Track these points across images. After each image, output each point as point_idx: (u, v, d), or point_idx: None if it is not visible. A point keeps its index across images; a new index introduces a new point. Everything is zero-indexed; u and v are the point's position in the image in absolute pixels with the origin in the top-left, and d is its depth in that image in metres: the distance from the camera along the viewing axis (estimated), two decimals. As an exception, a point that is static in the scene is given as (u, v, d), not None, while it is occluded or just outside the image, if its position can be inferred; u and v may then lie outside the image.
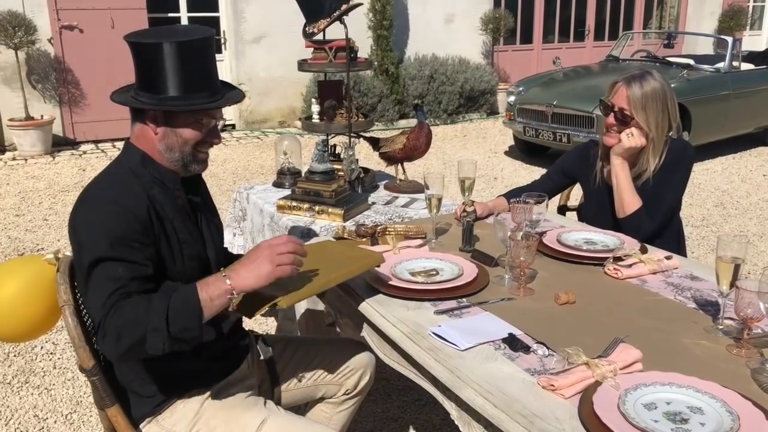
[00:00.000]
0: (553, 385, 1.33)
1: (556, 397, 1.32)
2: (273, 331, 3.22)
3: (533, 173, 6.51)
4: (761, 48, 11.00)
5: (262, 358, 1.88)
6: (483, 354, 1.49)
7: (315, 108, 3.13)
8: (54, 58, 7.44)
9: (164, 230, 1.56)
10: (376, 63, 8.90)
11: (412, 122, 3.13)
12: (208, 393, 1.66)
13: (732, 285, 1.55)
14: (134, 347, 1.40)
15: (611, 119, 2.33)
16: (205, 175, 1.84)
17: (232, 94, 1.67)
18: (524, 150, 7.36)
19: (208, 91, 1.60)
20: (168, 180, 1.61)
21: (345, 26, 2.83)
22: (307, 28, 2.89)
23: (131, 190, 1.54)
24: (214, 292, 1.46)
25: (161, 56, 1.54)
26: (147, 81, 1.58)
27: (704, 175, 6.61)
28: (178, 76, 1.55)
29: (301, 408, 1.99)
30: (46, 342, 3.29)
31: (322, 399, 1.97)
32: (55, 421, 2.68)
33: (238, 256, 1.84)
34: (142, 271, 1.47)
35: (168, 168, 1.62)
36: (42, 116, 7.29)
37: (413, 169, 4.69)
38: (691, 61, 7.50)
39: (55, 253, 1.69)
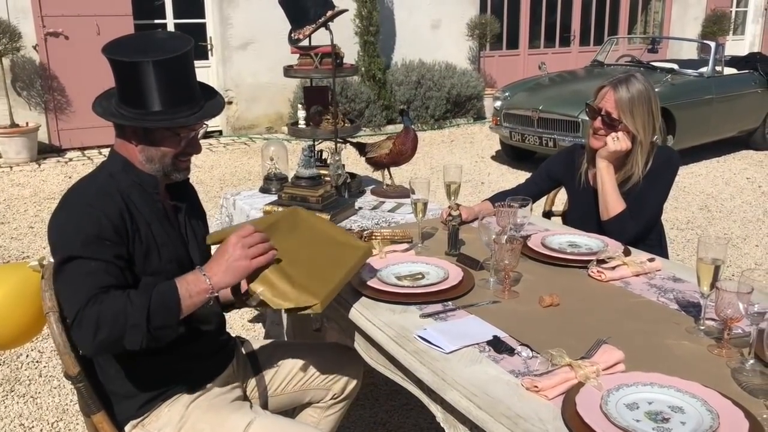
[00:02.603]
0: (536, 387, 1.34)
1: (540, 398, 1.33)
2: (261, 337, 3.22)
3: (520, 178, 6.53)
4: (744, 53, 11.12)
5: (244, 352, 1.88)
6: (468, 356, 1.50)
7: (301, 114, 3.14)
8: (39, 65, 7.40)
9: (139, 233, 1.58)
10: (363, 69, 8.92)
11: (400, 127, 3.14)
12: (193, 396, 1.67)
13: (713, 286, 1.58)
14: (111, 341, 1.42)
15: (598, 123, 2.36)
16: (193, 181, 1.85)
17: (211, 105, 1.66)
18: (511, 155, 7.40)
19: (189, 104, 1.61)
20: (147, 185, 1.63)
21: (330, 32, 2.84)
22: (292, 35, 2.90)
23: (106, 195, 1.56)
24: (194, 289, 1.49)
25: (141, 74, 1.53)
26: (127, 95, 1.58)
27: (689, 178, 6.67)
28: (159, 93, 1.55)
29: (288, 413, 1.99)
30: (32, 350, 3.27)
31: (309, 404, 1.98)
32: (41, 430, 2.66)
33: None
34: (113, 269, 1.49)
35: (149, 173, 1.63)
36: (27, 123, 7.25)
37: (401, 174, 4.71)
38: (675, 66, 7.57)
39: (39, 260, 1.68)
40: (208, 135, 8.42)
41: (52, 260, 1.69)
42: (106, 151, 7.69)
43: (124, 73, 1.56)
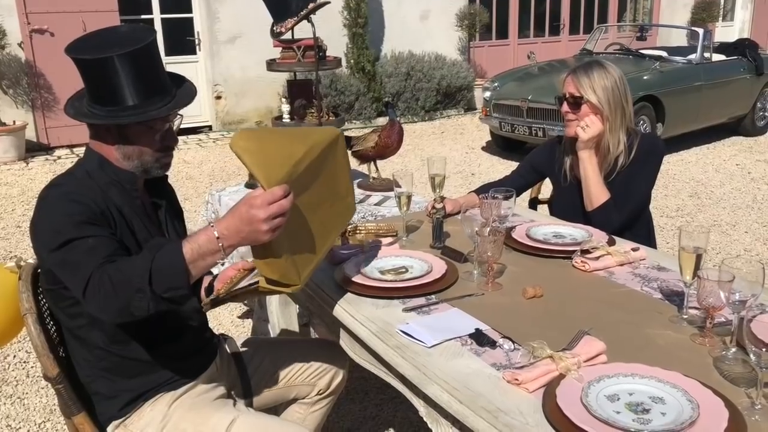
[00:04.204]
0: (517, 380, 1.33)
1: (521, 391, 1.32)
2: (248, 333, 3.21)
3: (510, 168, 6.48)
4: (733, 39, 11.12)
5: (229, 351, 1.87)
6: (450, 350, 1.49)
7: (285, 108, 3.12)
8: (25, 62, 7.34)
9: (121, 229, 1.55)
10: (352, 61, 8.89)
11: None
12: (176, 395, 1.65)
13: (695, 275, 1.57)
14: (123, 308, 1.36)
15: (565, 107, 2.37)
16: (182, 177, 1.84)
17: (182, 93, 1.63)
18: (501, 145, 7.39)
19: (160, 95, 1.57)
20: (125, 181, 1.60)
21: (312, 25, 2.82)
22: (275, 28, 2.88)
23: (88, 188, 1.53)
24: (206, 250, 1.37)
25: (108, 70, 1.50)
26: (97, 94, 1.55)
27: (679, 165, 6.68)
28: (129, 87, 1.52)
29: (273, 410, 1.98)
30: (19, 350, 3.25)
31: (294, 400, 1.97)
32: (29, 431, 2.65)
33: None
34: (112, 242, 1.46)
35: (126, 170, 1.60)
36: (14, 122, 7.19)
37: (390, 167, 4.68)
38: (664, 53, 7.57)
39: (16, 261, 1.67)
40: (197, 130, 8.39)
41: (30, 261, 1.68)
42: (94, 149, 7.60)
43: (91, 71, 1.53)
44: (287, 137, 1.56)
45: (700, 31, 7.48)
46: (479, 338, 1.52)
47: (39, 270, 1.63)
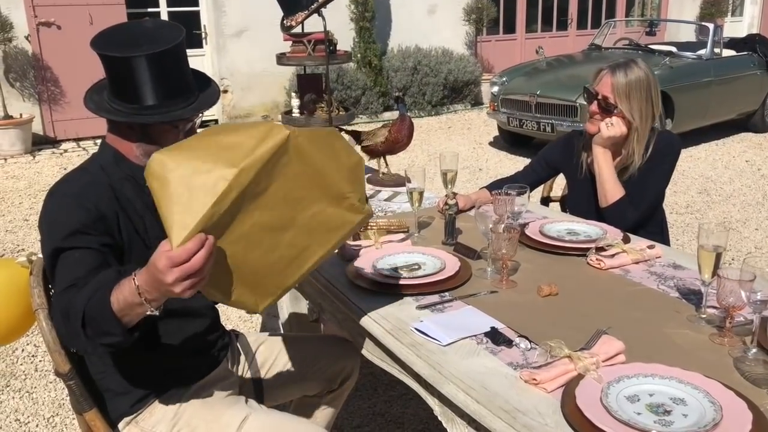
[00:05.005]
0: (535, 379, 1.31)
1: (539, 391, 1.30)
2: (257, 328, 3.19)
3: (518, 164, 6.50)
4: (742, 34, 11.04)
5: (240, 348, 1.86)
6: (465, 349, 1.47)
7: (295, 102, 3.10)
8: (32, 55, 7.34)
9: (130, 226, 1.54)
10: (359, 55, 8.85)
11: (397, 114, 3.10)
12: (187, 392, 1.64)
13: (714, 274, 1.55)
14: (69, 344, 1.41)
15: (594, 107, 2.32)
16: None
17: (206, 95, 1.62)
18: (509, 140, 7.35)
19: (184, 95, 1.56)
20: (140, 176, 1.58)
21: (323, 19, 2.80)
22: (284, 22, 2.85)
23: (97, 185, 1.52)
24: (130, 301, 1.24)
25: (135, 69, 1.48)
26: (120, 90, 1.53)
27: (688, 162, 6.63)
28: (153, 87, 1.50)
29: (285, 406, 1.97)
30: (28, 344, 3.24)
31: (305, 396, 1.96)
32: (37, 425, 2.64)
33: None
34: (96, 256, 1.43)
35: (141, 165, 1.58)
36: (21, 115, 7.19)
37: (398, 162, 4.67)
38: (674, 49, 7.51)
39: (28, 255, 1.65)
40: (204, 124, 8.37)
41: (41, 256, 1.67)
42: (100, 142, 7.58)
43: (117, 68, 1.51)
44: (218, 150, 1.25)
45: (710, 26, 7.42)
46: (495, 337, 1.50)
47: (49, 265, 1.63)
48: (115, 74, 1.53)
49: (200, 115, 1.65)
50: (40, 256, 1.66)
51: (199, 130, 1.62)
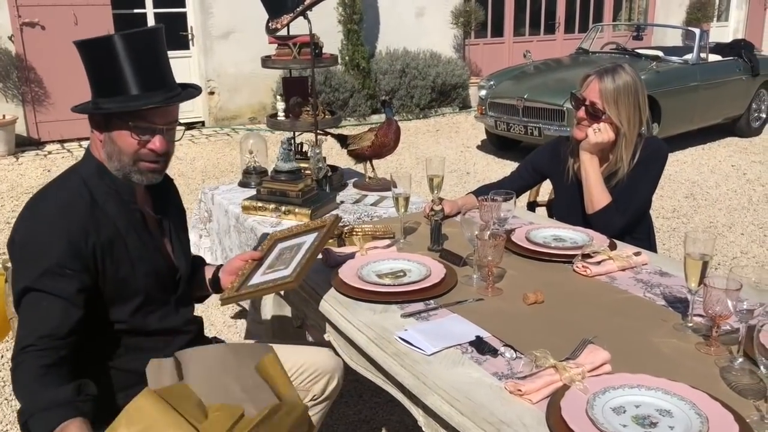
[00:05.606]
0: (520, 390, 1.29)
1: (524, 403, 1.28)
2: (242, 335, 3.16)
3: (505, 167, 6.50)
4: (728, 39, 11.12)
5: None
6: (450, 358, 1.45)
7: (280, 105, 3.07)
8: (15, 55, 7.24)
9: (111, 252, 1.50)
10: (347, 58, 8.83)
11: (384, 117, 3.07)
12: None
13: (701, 282, 1.54)
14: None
15: (582, 113, 2.31)
16: (174, 174, 1.79)
17: (181, 95, 1.58)
18: (496, 144, 7.35)
19: (165, 88, 1.53)
20: (124, 192, 1.54)
21: (309, 21, 2.77)
22: (269, 24, 2.82)
23: (72, 209, 1.47)
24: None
25: (111, 51, 1.47)
26: (101, 83, 1.52)
27: (674, 166, 6.66)
28: (133, 72, 1.48)
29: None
30: (7, 350, 3.18)
31: (289, 406, 1.92)
32: (16, 433, 2.59)
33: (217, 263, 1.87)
34: (65, 309, 1.41)
35: (122, 179, 1.55)
36: (4, 116, 7.10)
37: (385, 165, 4.64)
38: (660, 53, 7.54)
39: (3, 262, 1.61)
40: (189, 126, 8.31)
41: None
42: (86, 143, 7.56)
43: (96, 55, 1.49)
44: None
45: (697, 31, 7.46)
46: (480, 346, 1.48)
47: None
48: (95, 66, 1.50)
49: (180, 130, 1.60)
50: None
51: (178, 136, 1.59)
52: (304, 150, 3.14)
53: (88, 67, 1.53)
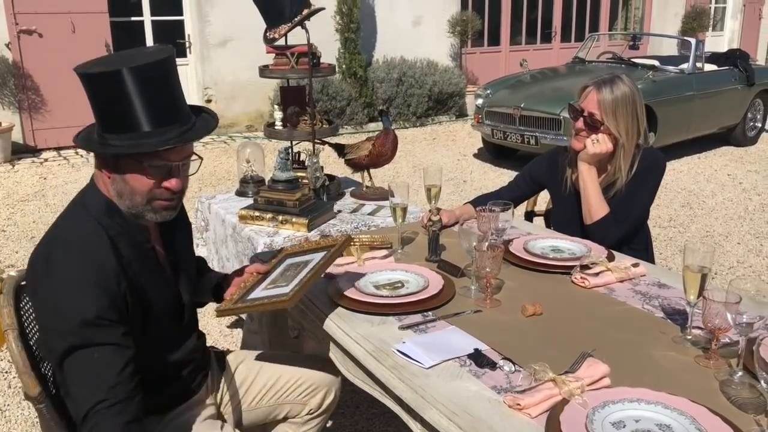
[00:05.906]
0: (519, 404, 1.28)
1: (523, 417, 1.27)
2: (238, 343, 3.14)
3: (502, 176, 6.50)
4: (723, 49, 11.17)
5: (218, 365, 1.81)
6: (448, 371, 1.44)
7: (278, 115, 3.06)
8: (12, 63, 7.23)
9: (133, 292, 1.42)
10: (344, 66, 8.84)
11: (382, 125, 3.07)
12: (163, 419, 1.59)
13: (700, 294, 1.53)
14: None
15: (580, 124, 2.31)
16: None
17: (197, 128, 1.47)
18: (493, 152, 7.36)
19: (180, 122, 1.41)
20: (136, 232, 1.46)
21: (306, 31, 2.77)
22: (267, 34, 2.82)
23: (99, 254, 1.38)
24: None
25: (120, 84, 1.34)
26: (108, 118, 1.41)
27: (671, 175, 6.67)
28: (145, 107, 1.36)
29: (263, 428, 1.92)
30: (1, 360, 3.16)
31: (285, 419, 1.91)
32: (10, 444, 2.57)
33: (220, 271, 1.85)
34: (116, 353, 1.34)
35: (133, 219, 1.47)
36: (0, 123, 7.08)
37: (382, 174, 4.64)
38: (656, 62, 7.57)
39: (-3, 273, 1.60)
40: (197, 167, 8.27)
41: (12, 273, 1.61)
42: (82, 152, 7.55)
43: (100, 89, 1.38)
44: None
45: (692, 41, 7.49)
46: (478, 359, 1.47)
47: (24, 282, 1.56)
48: (101, 100, 1.39)
49: (197, 159, 1.50)
50: (12, 274, 1.61)
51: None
52: (301, 159, 3.14)
53: (93, 100, 1.41)
